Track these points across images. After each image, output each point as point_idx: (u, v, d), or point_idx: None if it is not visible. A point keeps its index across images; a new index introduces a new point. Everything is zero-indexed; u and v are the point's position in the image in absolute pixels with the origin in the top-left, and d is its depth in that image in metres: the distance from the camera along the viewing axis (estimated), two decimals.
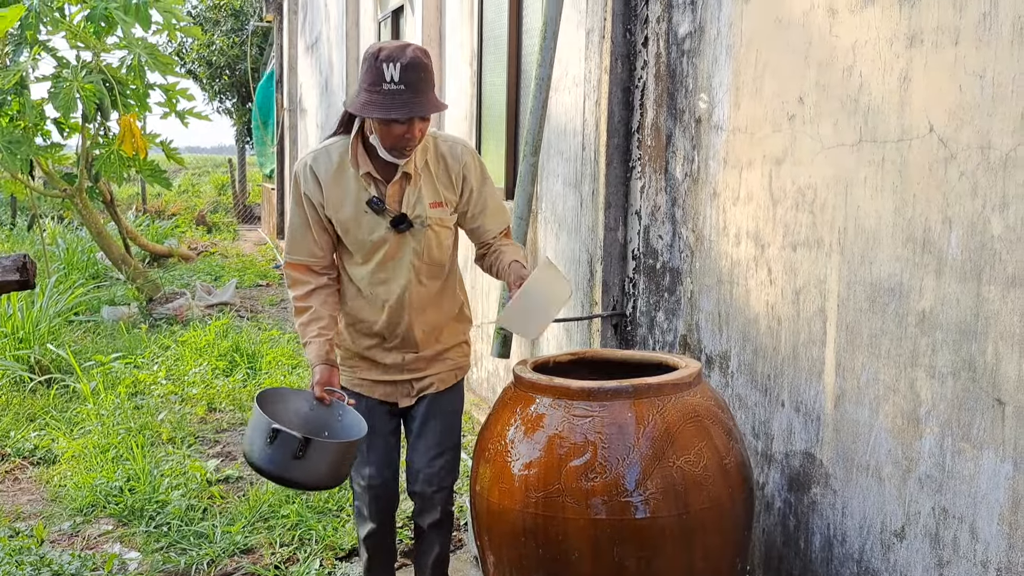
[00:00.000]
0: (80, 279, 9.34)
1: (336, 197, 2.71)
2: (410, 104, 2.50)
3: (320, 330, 2.71)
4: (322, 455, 2.47)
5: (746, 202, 2.89)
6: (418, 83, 2.50)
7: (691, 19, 3.18)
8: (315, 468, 2.47)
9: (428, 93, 2.53)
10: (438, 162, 2.73)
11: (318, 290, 2.77)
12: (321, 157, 2.74)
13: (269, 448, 2.44)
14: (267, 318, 8.54)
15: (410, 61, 2.49)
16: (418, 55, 2.52)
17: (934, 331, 2.18)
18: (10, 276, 2.12)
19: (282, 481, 2.54)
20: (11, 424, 5.25)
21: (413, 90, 2.50)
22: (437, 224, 2.73)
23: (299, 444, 2.41)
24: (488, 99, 5.58)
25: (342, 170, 2.71)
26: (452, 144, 2.76)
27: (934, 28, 2.15)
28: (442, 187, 2.74)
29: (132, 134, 7.52)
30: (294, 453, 2.41)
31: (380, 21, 8.76)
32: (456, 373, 2.92)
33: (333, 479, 2.57)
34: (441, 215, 2.73)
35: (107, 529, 3.96)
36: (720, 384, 3.06)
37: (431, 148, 2.73)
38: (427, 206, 2.71)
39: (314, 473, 2.49)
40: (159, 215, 17.86)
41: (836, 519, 2.54)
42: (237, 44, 20.87)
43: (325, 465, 2.49)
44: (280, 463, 2.45)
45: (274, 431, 2.42)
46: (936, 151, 2.15)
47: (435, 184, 2.73)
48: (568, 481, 2.38)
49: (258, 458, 2.49)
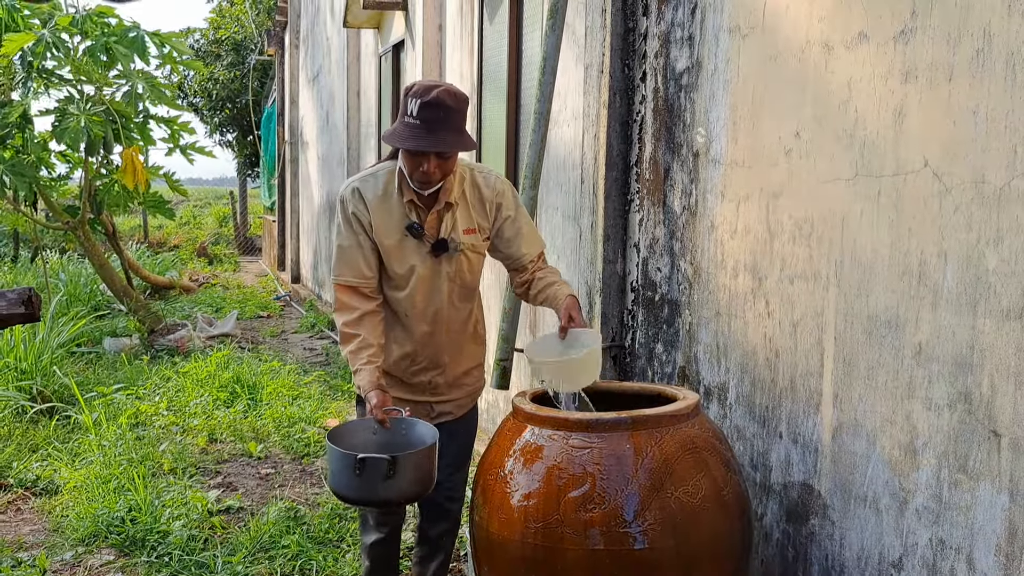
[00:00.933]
0: (82, 310, 9.36)
1: (381, 221, 2.85)
2: (422, 139, 2.64)
3: (369, 358, 2.79)
4: (408, 468, 2.58)
5: (744, 235, 2.92)
6: (435, 121, 2.64)
7: (688, 55, 3.23)
8: (405, 483, 2.58)
9: (444, 132, 2.66)
10: (473, 190, 2.90)
11: (366, 316, 2.84)
12: (369, 181, 2.89)
13: (359, 478, 2.54)
14: (268, 349, 8.55)
15: (431, 99, 2.65)
16: (441, 95, 2.66)
17: (930, 363, 2.20)
18: (16, 309, 2.15)
19: (379, 504, 2.70)
20: (13, 454, 5.25)
21: (429, 127, 2.65)
22: (470, 250, 2.90)
23: (388, 465, 2.52)
24: (488, 132, 5.64)
25: (387, 195, 2.86)
26: (487, 174, 2.94)
27: (928, 64, 2.19)
28: (476, 214, 2.90)
29: (134, 167, 7.58)
30: (385, 475, 2.52)
31: (381, 55, 8.86)
32: (472, 397, 3.11)
33: (424, 488, 2.67)
34: (473, 241, 2.90)
35: (109, 559, 3.95)
36: (718, 416, 3.07)
37: (467, 178, 2.90)
38: (461, 232, 2.87)
39: (405, 488, 2.60)
40: (161, 247, 17.93)
41: (834, 550, 2.54)
42: (238, 78, 21.06)
43: (413, 477, 2.60)
44: (373, 488, 2.56)
45: (360, 460, 2.52)
46: (931, 185, 2.19)
47: (469, 212, 2.89)
48: (567, 512, 2.39)
49: (352, 491, 2.60)
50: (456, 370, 3.01)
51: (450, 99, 2.66)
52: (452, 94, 2.68)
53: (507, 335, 3.88)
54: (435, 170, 2.71)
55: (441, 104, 2.64)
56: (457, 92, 2.71)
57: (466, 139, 2.72)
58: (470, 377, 3.06)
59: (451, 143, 2.67)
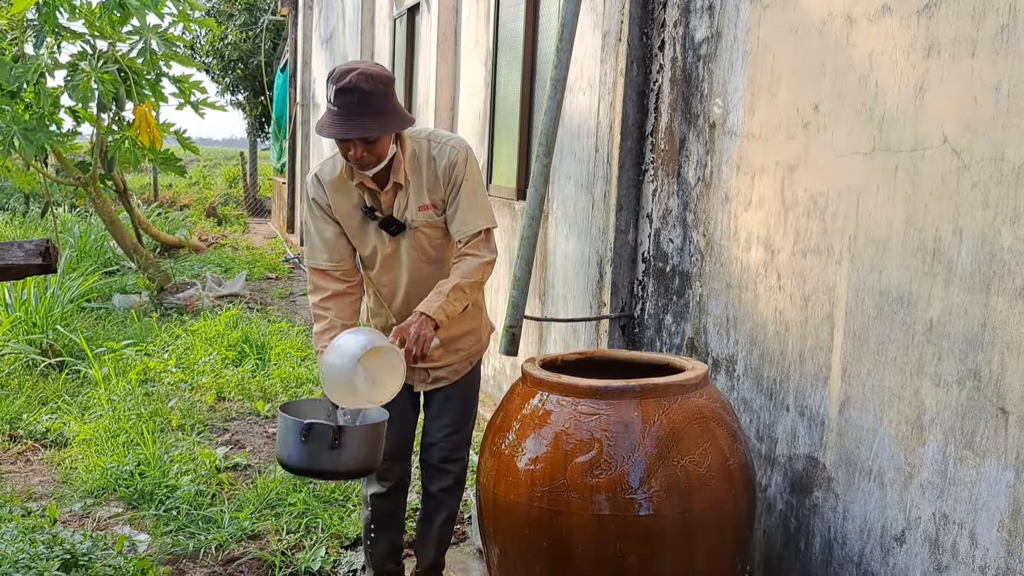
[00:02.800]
0: (92, 267, 9.40)
1: (341, 204, 2.88)
2: (338, 126, 2.62)
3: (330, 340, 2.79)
4: (353, 441, 2.59)
5: (758, 208, 2.92)
6: (350, 105, 2.60)
7: (708, 24, 3.21)
8: (349, 455, 2.59)
9: (360, 117, 2.60)
10: (428, 164, 2.84)
11: (335, 297, 2.89)
12: (326, 167, 2.92)
13: (304, 445, 2.55)
14: (276, 311, 8.59)
15: (344, 85, 2.59)
16: (354, 80, 2.59)
17: (941, 340, 2.20)
18: (33, 260, 2.16)
19: (322, 475, 2.70)
20: (23, 407, 5.30)
21: (345, 113, 2.61)
22: (425, 226, 2.87)
23: (333, 434, 2.53)
24: (502, 99, 5.62)
25: (344, 179, 2.86)
26: (443, 145, 2.85)
27: (951, 39, 2.18)
28: (429, 190, 2.85)
29: (148, 124, 7.57)
30: (330, 444, 2.53)
31: (395, 18, 8.80)
32: (470, 361, 3.09)
33: (367, 465, 2.69)
34: (428, 217, 2.86)
35: (117, 512, 4.01)
36: (726, 387, 3.09)
37: (424, 152, 2.84)
38: (415, 210, 2.84)
39: (348, 460, 2.60)
40: (170, 206, 17.94)
41: (837, 522, 2.57)
42: (251, 38, 20.94)
43: (358, 451, 2.61)
44: (318, 457, 2.56)
45: (308, 427, 2.54)
46: (949, 162, 2.18)
47: (423, 187, 2.85)
48: (573, 477, 2.41)
49: (296, 457, 2.60)
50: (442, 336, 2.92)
51: (365, 82, 2.59)
52: (368, 76, 2.60)
53: (517, 302, 3.88)
54: (363, 154, 2.68)
55: (355, 89, 2.59)
56: (375, 73, 2.63)
57: (388, 121, 2.64)
58: (462, 342, 3.04)
59: (369, 128, 2.61)
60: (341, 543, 3.69)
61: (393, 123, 2.67)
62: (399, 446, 3.05)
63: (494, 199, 5.62)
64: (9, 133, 7.02)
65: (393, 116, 2.68)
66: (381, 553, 3.16)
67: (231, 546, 3.68)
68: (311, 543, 3.67)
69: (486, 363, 5.72)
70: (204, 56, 21.43)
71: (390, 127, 2.67)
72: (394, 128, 2.69)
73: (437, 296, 2.74)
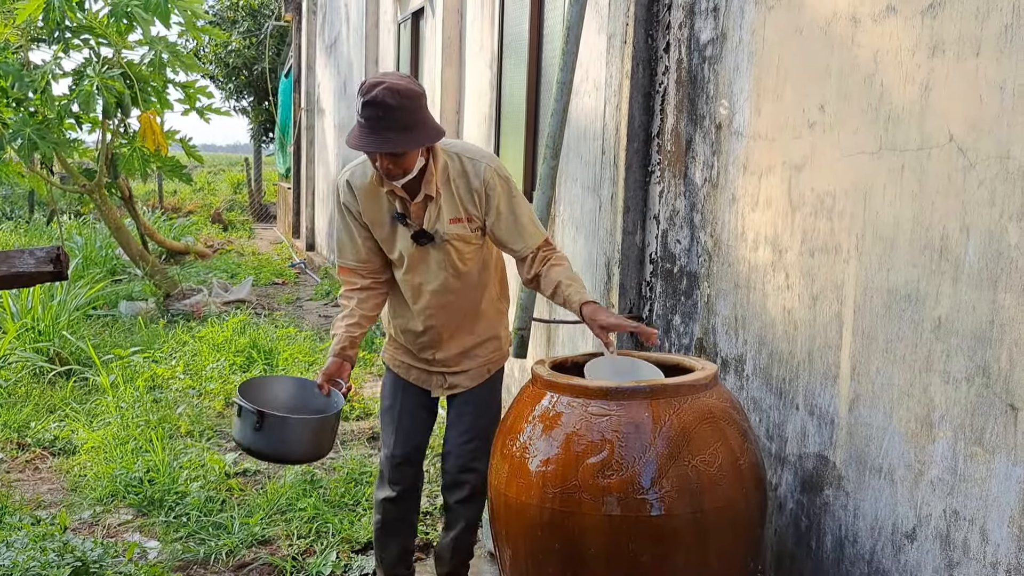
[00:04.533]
0: (98, 274, 9.43)
1: (371, 208, 2.90)
2: (364, 138, 2.65)
3: (347, 327, 2.94)
4: (279, 428, 2.73)
5: (765, 208, 2.93)
6: (377, 120, 2.62)
7: (713, 26, 3.22)
8: (277, 440, 2.75)
9: (386, 131, 2.62)
10: (461, 179, 2.85)
11: (359, 291, 2.99)
12: (358, 171, 2.94)
13: (238, 421, 2.75)
14: (283, 316, 8.61)
15: (370, 99, 2.62)
16: (381, 94, 2.61)
17: (949, 337, 2.21)
18: (44, 267, 2.17)
19: (249, 452, 2.82)
20: (31, 415, 5.33)
21: (371, 126, 2.63)
22: (456, 239, 2.87)
23: (256, 417, 2.69)
24: (508, 102, 5.63)
25: (375, 185, 2.88)
26: (476, 162, 2.85)
27: (956, 39, 2.19)
28: (464, 203, 2.85)
29: (152, 130, 7.60)
30: (253, 426, 2.70)
31: (400, 23, 8.83)
32: (488, 368, 3.09)
33: (293, 453, 2.84)
34: (460, 231, 2.86)
35: (127, 519, 4.02)
36: (735, 387, 3.10)
37: (455, 165, 2.85)
38: (447, 222, 2.85)
39: (277, 445, 2.76)
40: (175, 212, 17.99)
41: (848, 520, 2.57)
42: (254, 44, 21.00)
43: (285, 437, 2.76)
44: (245, 435, 2.74)
45: (238, 407, 2.72)
46: (955, 160, 2.19)
47: (456, 200, 2.85)
48: (585, 478, 2.42)
49: (234, 432, 2.79)
50: (458, 347, 3.02)
51: (391, 97, 2.60)
52: (395, 91, 2.61)
53: (525, 304, 3.90)
54: (390, 166, 2.70)
55: (381, 103, 2.60)
56: (402, 88, 2.64)
57: (414, 135, 2.65)
58: (483, 349, 3.06)
59: (393, 142, 2.63)
60: (352, 547, 3.70)
61: (418, 138, 2.67)
62: (408, 450, 3.07)
63: None
64: (25, 136, 7.06)
65: (419, 131, 2.67)
66: (391, 558, 3.17)
67: (242, 552, 3.69)
68: (322, 548, 3.68)
69: None
70: (208, 63, 21.49)
71: (414, 142, 2.67)
72: (417, 144, 2.68)
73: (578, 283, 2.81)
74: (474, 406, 3.06)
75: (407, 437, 3.06)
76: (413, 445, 3.07)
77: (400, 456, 3.06)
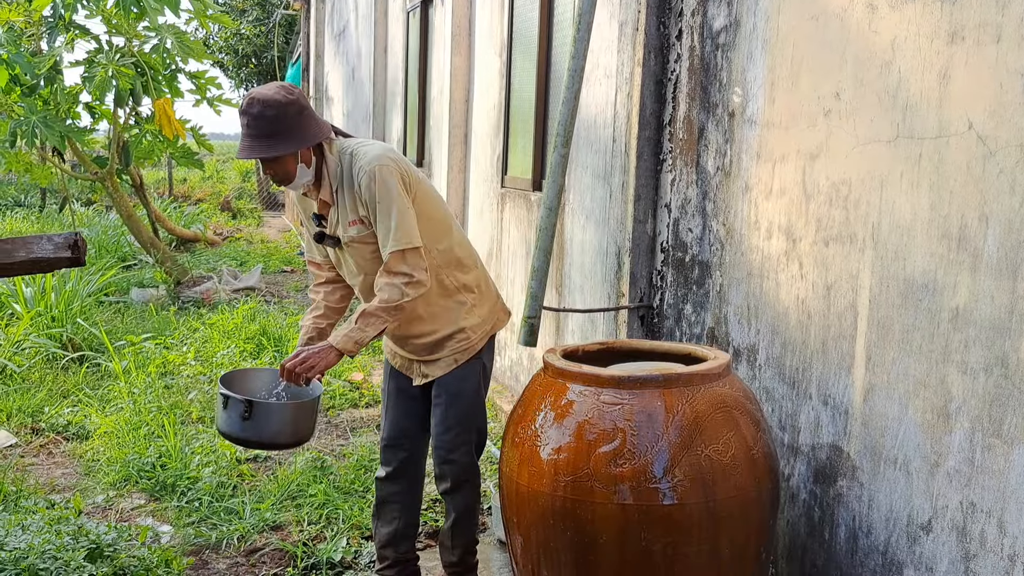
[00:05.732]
0: (110, 261, 9.46)
1: (304, 210, 3.06)
2: (249, 148, 2.77)
3: (314, 318, 3.10)
4: (266, 415, 2.83)
5: (779, 196, 2.91)
6: (244, 128, 2.78)
7: (727, 13, 3.20)
8: (264, 427, 2.83)
9: (251, 139, 2.75)
10: (348, 180, 2.90)
11: (325, 284, 3.15)
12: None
13: (224, 413, 2.82)
14: (293, 303, 8.62)
15: (241, 110, 2.79)
16: (248, 104, 2.77)
17: (967, 327, 2.19)
18: (63, 253, 2.18)
19: (239, 441, 2.91)
20: (45, 400, 5.35)
21: (242, 135, 2.79)
22: (357, 242, 2.93)
23: (244, 407, 2.77)
24: (517, 90, 5.61)
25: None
26: (360, 167, 2.86)
27: (976, 25, 2.16)
28: (358, 205, 2.89)
29: (168, 117, 7.60)
30: (241, 415, 2.77)
31: (409, 11, 8.80)
32: (456, 359, 3.08)
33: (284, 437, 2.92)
34: (357, 232, 2.92)
35: (140, 503, 4.04)
36: (748, 377, 3.08)
37: (347, 168, 2.89)
38: (346, 225, 2.92)
39: (265, 432, 2.84)
40: (185, 200, 18.01)
41: (862, 511, 2.56)
42: (263, 33, 20.98)
43: (272, 425, 2.86)
44: (233, 425, 2.82)
45: (224, 398, 2.80)
46: (975, 148, 2.17)
47: (349, 202, 2.90)
48: (597, 466, 2.41)
49: (219, 424, 2.88)
50: (420, 340, 3.04)
51: (254, 106, 2.74)
52: (259, 101, 2.74)
53: (535, 293, 3.88)
54: (268, 172, 2.83)
55: (245, 112, 2.76)
56: (266, 98, 2.75)
57: (275, 142, 2.73)
58: (449, 342, 3.06)
59: (251, 150, 2.74)
60: (362, 534, 3.70)
61: (276, 145, 2.74)
62: (395, 433, 3.16)
63: (510, 190, 5.62)
64: (29, 124, 7.07)
65: (280, 138, 2.75)
66: (381, 537, 3.21)
67: (253, 537, 3.70)
68: (332, 534, 3.69)
69: (502, 355, 5.73)
70: (218, 51, 21.49)
71: (270, 149, 2.74)
72: (272, 151, 2.75)
73: (350, 322, 2.86)
74: (447, 395, 3.08)
75: (393, 421, 3.18)
76: (398, 429, 3.16)
77: (387, 439, 3.19)
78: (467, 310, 3.08)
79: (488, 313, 3.16)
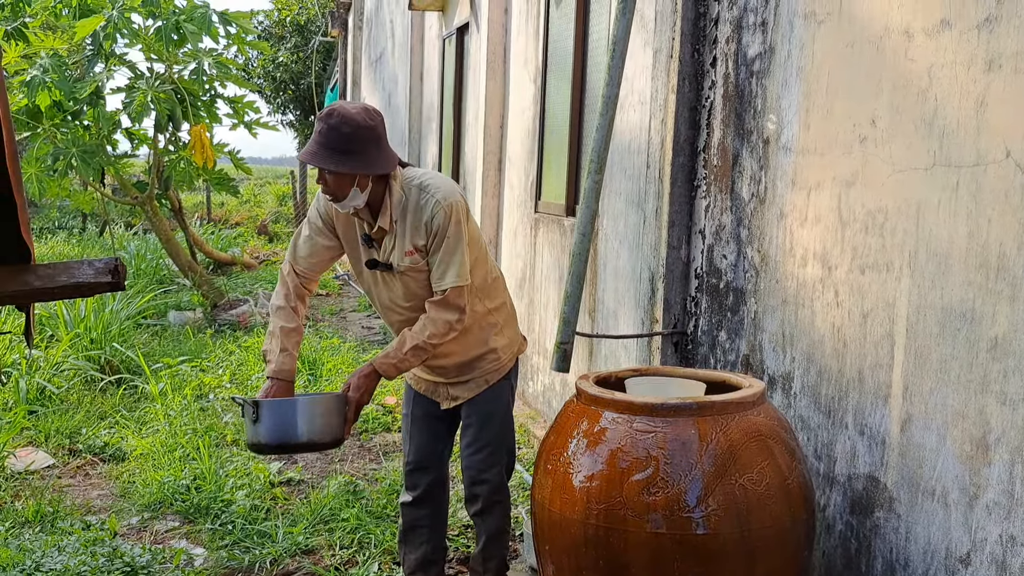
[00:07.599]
0: (148, 284, 9.60)
1: (344, 225, 3.01)
2: (313, 154, 2.76)
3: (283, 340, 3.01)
4: (271, 414, 2.82)
5: (814, 224, 2.89)
6: (317, 134, 2.78)
7: (761, 40, 3.20)
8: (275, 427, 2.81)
9: (323, 149, 2.74)
10: (415, 213, 2.90)
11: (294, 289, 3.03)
12: None
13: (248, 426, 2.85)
14: (327, 327, 8.68)
15: (321, 115, 2.80)
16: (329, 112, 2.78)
17: (1006, 358, 2.16)
18: (103, 278, 2.22)
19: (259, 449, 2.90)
20: (83, 421, 5.42)
21: (313, 140, 2.79)
22: (411, 271, 2.93)
23: (252, 408, 2.80)
24: (551, 116, 5.64)
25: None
26: (429, 198, 2.89)
27: (1013, 53, 2.15)
28: (417, 236, 2.90)
29: (202, 144, 7.73)
30: (252, 419, 2.80)
31: (445, 38, 8.90)
32: (487, 379, 3.12)
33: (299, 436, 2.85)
34: (413, 262, 2.92)
35: (174, 525, 4.07)
36: (782, 405, 3.05)
37: (413, 199, 2.90)
38: (403, 255, 2.91)
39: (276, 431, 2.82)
40: (223, 224, 18.25)
41: (899, 543, 2.52)
42: (301, 59, 21.30)
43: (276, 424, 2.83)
44: (249, 432, 2.85)
45: (240, 405, 2.83)
46: (1013, 177, 2.15)
47: (409, 233, 2.91)
48: (629, 495, 2.40)
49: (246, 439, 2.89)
50: (450, 362, 3.06)
51: (335, 118, 2.75)
52: (341, 114, 2.75)
53: (568, 318, 3.88)
54: (322, 181, 2.82)
55: (325, 121, 2.77)
56: (348, 115, 2.76)
57: (343, 159, 2.74)
58: (479, 362, 3.09)
59: (319, 157, 2.74)
60: (394, 559, 3.70)
61: (344, 162, 2.75)
62: (422, 456, 3.17)
63: (543, 215, 5.64)
64: (68, 155, 7.22)
65: (349, 156, 2.75)
66: (410, 564, 3.21)
67: (285, 561, 3.72)
68: (364, 559, 3.70)
69: (534, 380, 5.72)
70: (256, 77, 21.84)
71: (336, 164, 2.75)
72: (339, 166, 2.75)
73: (398, 349, 2.89)
74: (477, 416, 3.11)
75: (418, 445, 3.17)
76: (425, 453, 3.16)
77: (413, 463, 3.18)
78: (497, 331, 3.13)
79: (514, 334, 3.23)
